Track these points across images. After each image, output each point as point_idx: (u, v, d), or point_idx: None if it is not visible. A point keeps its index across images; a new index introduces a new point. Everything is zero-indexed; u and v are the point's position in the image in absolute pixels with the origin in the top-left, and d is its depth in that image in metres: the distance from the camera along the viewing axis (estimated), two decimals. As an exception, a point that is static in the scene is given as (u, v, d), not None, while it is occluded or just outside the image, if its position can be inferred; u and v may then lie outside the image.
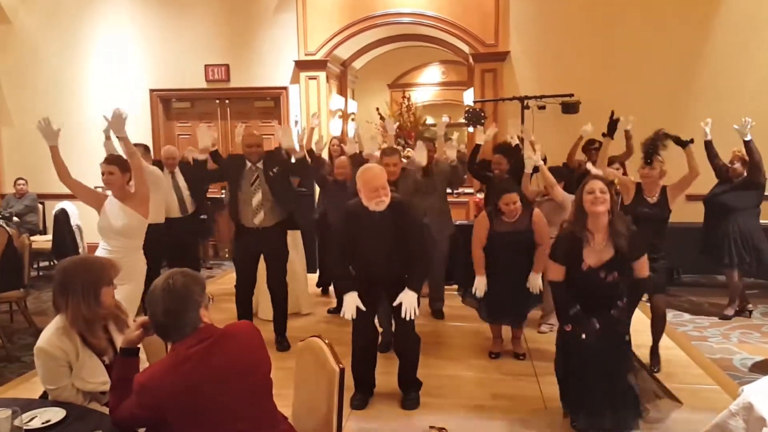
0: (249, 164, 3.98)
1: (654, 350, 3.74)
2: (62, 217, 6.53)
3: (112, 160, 3.34)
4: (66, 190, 3.35)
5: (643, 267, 2.73)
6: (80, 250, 6.74)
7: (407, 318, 3.03)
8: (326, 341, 2.01)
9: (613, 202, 2.69)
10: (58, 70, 7.51)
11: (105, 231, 3.28)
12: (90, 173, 4.40)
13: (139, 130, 7.41)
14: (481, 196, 6.17)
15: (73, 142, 7.48)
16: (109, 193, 3.35)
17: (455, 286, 5.20)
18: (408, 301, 3.02)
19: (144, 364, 2.15)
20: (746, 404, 1.85)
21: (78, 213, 6.79)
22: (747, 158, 4.56)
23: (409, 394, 3.27)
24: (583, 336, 2.66)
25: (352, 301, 3.05)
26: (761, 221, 5.03)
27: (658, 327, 3.70)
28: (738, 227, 4.60)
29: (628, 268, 2.70)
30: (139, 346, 1.86)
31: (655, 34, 6.39)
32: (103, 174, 3.30)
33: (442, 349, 4.12)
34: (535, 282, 3.72)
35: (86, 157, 5.71)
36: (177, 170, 5.20)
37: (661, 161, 3.69)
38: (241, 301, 4.12)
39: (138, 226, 3.30)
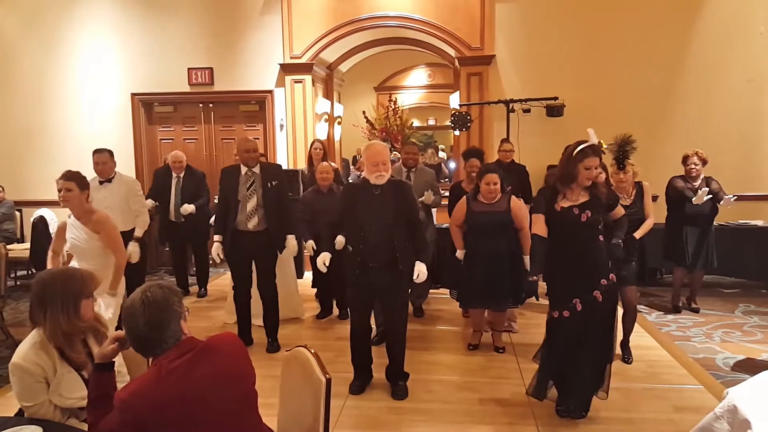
0: (245, 170, 4.06)
1: (625, 343, 3.90)
2: (40, 224, 6.38)
3: (70, 176, 3.15)
4: (44, 197, 3.27)
5: (618, 211, 3.18)
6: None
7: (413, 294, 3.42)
8: (312, 351, 1.98)
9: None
10: (37, 74, 7.37)
11: (75, 252, 3.21)
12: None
13: (120, 134, 7.33)
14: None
15: (52, 146, 7.39)
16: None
17: (442, 290, 5.22)
18: (421, 271, 3.34)
19: (125, 377, 2.11)
20: (731, 407, 1.86)
21: (57, 220, 6.66)
22: (705, 158, 4.74)
23: (398, 384, 3.46)
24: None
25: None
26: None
27: (629, 320, 3.87)
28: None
29: (602, 212, 3.00)
30: (114, 360, 1.82)
31: (639, 37, 6.46)
32: (60, 191, 3.13)
33: (429, 353, 4.12)
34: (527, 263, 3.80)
35: (65, 161, 5.59)
36: (182, 175, 5.57)
37: (632, 164, 3.87)
38: (240, 302, 4.23)
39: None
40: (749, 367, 3.74)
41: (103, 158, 4.44)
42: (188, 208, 5.52)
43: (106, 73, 7.30)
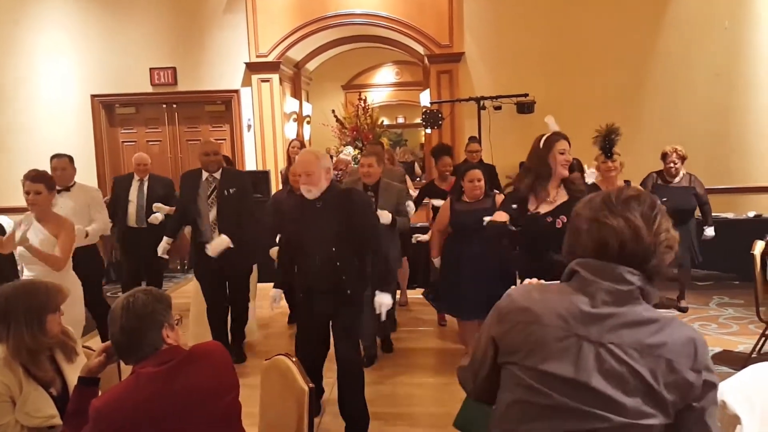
0: (206, 175, 3.74)
1: None
2: (-3, 232, 6.04)
3: (38, 177, 3.08)
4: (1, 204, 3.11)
5: None
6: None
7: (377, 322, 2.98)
8: (293, 359, 1.92)
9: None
10: (-9, 75, 7.01)
11: (24, 256, 3.07)
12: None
13: (81, 137, 7.03)
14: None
15: (11, 150, 7.03)
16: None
17: (418, 290, 5.16)
18: (382, 304, 2.87)
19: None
20: (719, 403, 1.85)
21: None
22: (684, 155, 4.74)
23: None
24: None
25: (276, 294, 3.00)
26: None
27: None
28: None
29: None
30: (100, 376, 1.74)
31: (607, 33, 6.55)
32: (28, 193, 3.05)
33: (405, 356, 4.05)
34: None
35: (21, 167, 5.30)
36: (146, 179, 4.96)
37: (618, 153, 3.79)
38: (215, 325, 3.85)
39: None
40: (727, 359, 3.77)
41: (63, 164, 3.96)
42: (164, 207, 4.76)
43: (63, 74, 7.00)
